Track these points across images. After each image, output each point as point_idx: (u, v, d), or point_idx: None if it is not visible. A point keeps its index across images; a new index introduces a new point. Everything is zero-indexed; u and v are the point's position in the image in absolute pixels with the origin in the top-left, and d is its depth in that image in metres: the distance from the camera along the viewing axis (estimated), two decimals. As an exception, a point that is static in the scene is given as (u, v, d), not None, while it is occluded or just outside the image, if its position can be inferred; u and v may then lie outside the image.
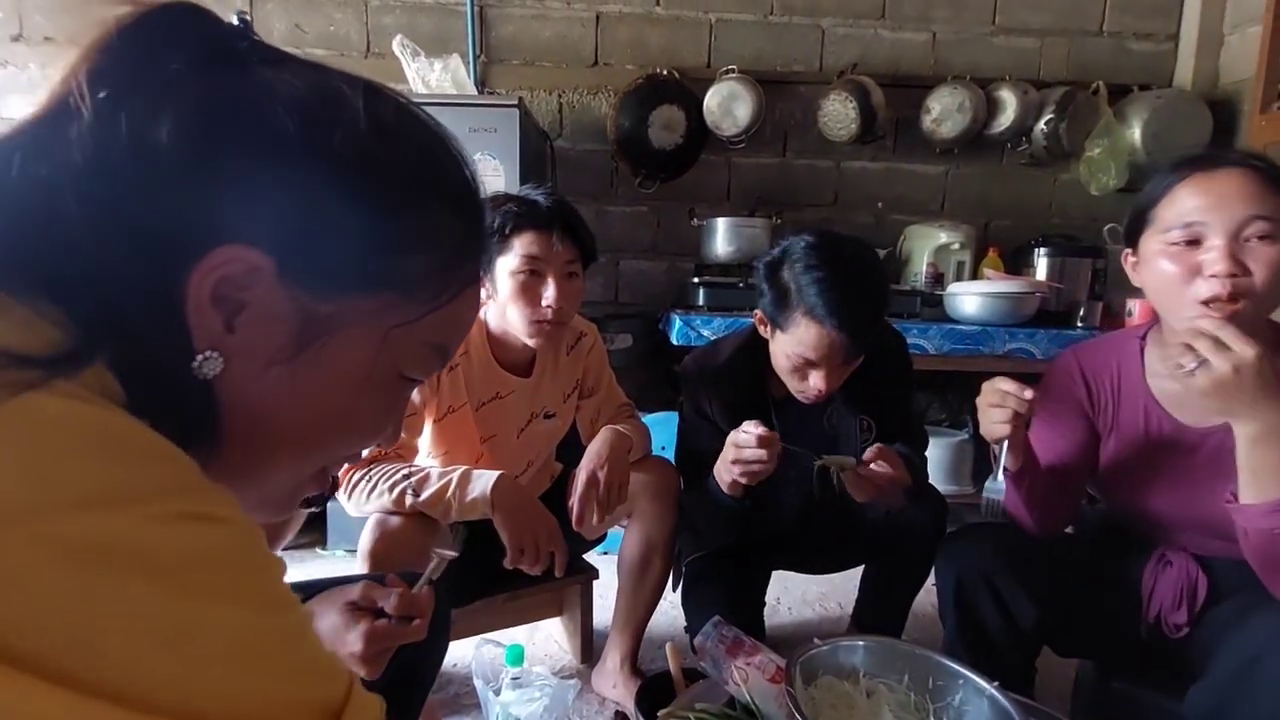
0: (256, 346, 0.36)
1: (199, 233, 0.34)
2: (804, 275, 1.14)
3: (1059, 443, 1.12)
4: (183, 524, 0.28)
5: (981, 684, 0.91)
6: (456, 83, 2.08)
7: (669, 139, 2.33)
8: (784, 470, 1.36)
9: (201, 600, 0.28)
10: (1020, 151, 2.46)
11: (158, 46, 0.35)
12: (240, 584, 0.30)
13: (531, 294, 1.17)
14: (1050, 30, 2.47)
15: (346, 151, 0.37)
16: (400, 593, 0.73)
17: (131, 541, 0.27)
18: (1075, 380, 1.12)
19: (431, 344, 0.43)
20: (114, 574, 0.26)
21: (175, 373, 0.35)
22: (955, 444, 2.29)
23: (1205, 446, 1.01)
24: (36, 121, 0.34)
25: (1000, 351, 2.04)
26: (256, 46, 0.39)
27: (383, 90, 0.41)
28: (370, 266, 0.38)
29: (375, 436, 0.45)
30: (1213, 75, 2.42)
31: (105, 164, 0.33)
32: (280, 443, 0.40)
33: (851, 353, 1.15)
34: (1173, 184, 0.94)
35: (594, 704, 1.40)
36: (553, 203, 1.18)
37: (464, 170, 0.44)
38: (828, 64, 2.44)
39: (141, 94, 0.34)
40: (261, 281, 0.35)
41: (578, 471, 1.23)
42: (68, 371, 0.30)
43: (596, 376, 1.42)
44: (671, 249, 2.52)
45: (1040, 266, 2.29)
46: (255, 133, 0.35)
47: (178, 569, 0.28)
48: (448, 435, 1.24)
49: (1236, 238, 0.89)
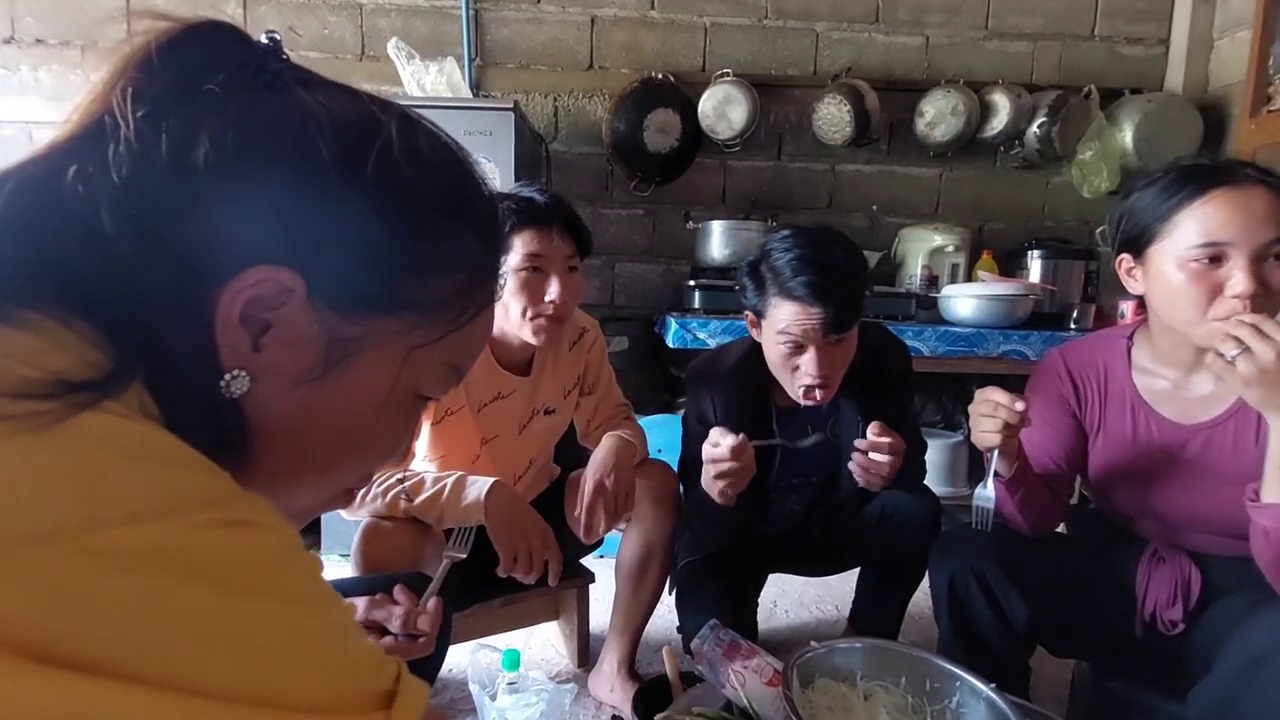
0: (283, 366, 0.37)
1: (232, 252, 0.34)
2: (779, 259, 1.17)
3: (1046, 441, 1.13)
4: (227, 530, 0.29)
5: (979, 686, 0.91)
6: (451, 86, 2.08)
7: (664, 142, 2.33)
8: (784, 478, 1.37)
9: (255, 599, 0.29)
10: (1013, 155, 2.48)
11: (196, 66, 0.36)
12: (288, 582, 0.31)
13: (534, 290, 1.17)
14: (1042, 34, 2.49)
15: (380, 175, 0.37)
16: (405, 611, 0.73)
17: (183, 548, 0.28)
18: (1062, 379, 1.13)
19: (449, 363, 0.44)
20: (171, 579, 0.27)
21: (204, 391, 0.35)
22: (950, 446, 2.30)
23: (1193, 443, 1.02)
24: (71, 139, 0.35)
25: (994, 353, 2.05)
26: (290, 67, 0.39)
27: (415, 116, 0.42)
28: (398, 289, 0.39)
29: (392, 455, 0.45)
30: (1203, 79, 2.44)
31: (143, 183, 0.33)
32: (304, 461, 0.40)
33: (834, 326, 1.14)
34: (1190, 197, 0.92)
35: (590, 708, 1.40)
36: (549, 199, 1.19)
37: (487, 196, 0.45)
38: (822, 67, 2.45)
39: (180, 113, 0.34)
40: (291, 302, 0.36)
41: (584, 480, 1.22)
42: (113, 392, 0.30)
43: (596, 373, 1.42)
44: (667, 252, 2.52)
45: (1034, 269, 2.30)
46: (291, 154, 0.36)
47: (229, 571, 0.29)
48: (445, 438, 1.24)
49: (1261, 258, 0.89)
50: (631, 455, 1.28)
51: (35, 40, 2.26)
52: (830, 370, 1.19)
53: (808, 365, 1.18)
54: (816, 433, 1.31)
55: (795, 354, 1.18)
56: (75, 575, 0.25)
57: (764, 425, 1.33)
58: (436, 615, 0.74)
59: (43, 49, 2.26)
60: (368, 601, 0.74)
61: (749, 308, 1.24)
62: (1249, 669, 0.89)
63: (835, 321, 1.14)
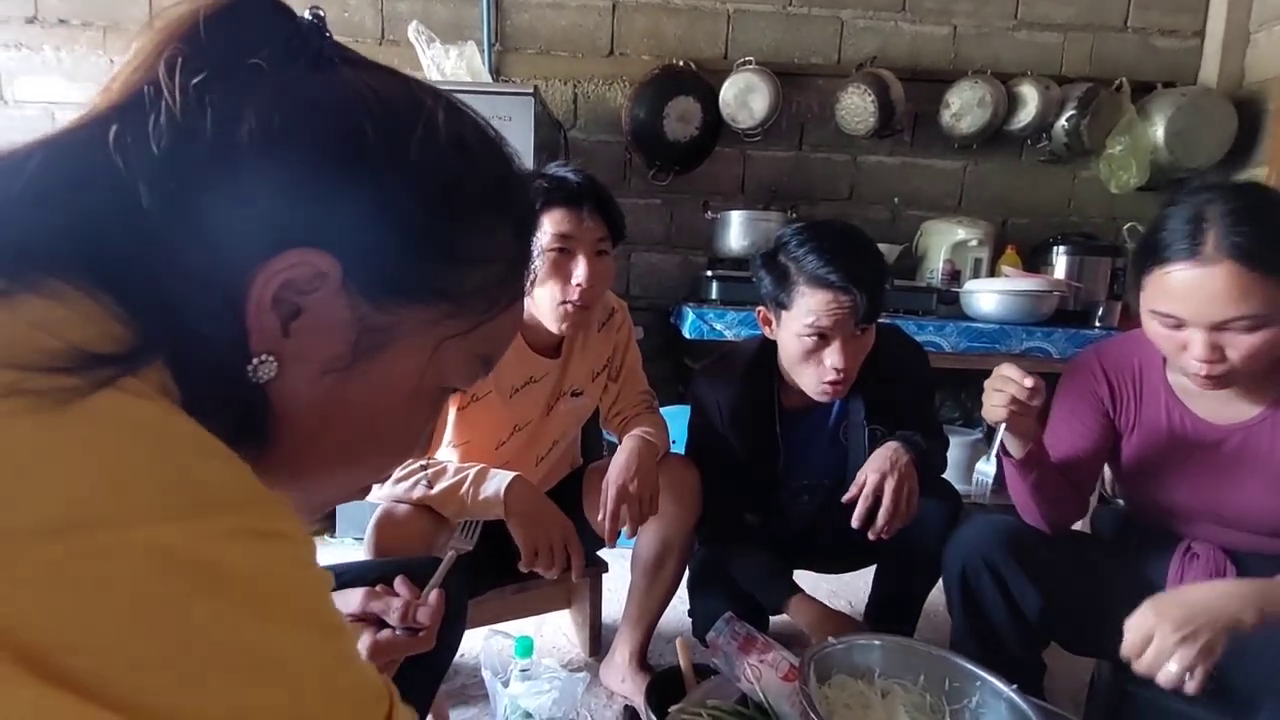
0: (312, 353, 0.36)
1: (269, 233, 0.33)
2: (799, 249, 1.16)
3: (1075, 436, 1.12)
4: (252, 541, 0.28)
5: (999, 686, 0.90)
6: (471, 71, 2.06)
7: (684, 131, 2.31)
8: (794, 479, 1.36)
9: (272, 623, 0.28)
10: (1040, 148, 2.43)
11: (242, 39, 0.34)
12: (302, 607, 0.30)
13: (562, 272, 1.15)
14: (1073, 25, 2.43)
15: (424, 162, 0.36)
16: (404, 603, 0.69)
17: (205, 558, 0.26)
18: (1097, 378, 1.12)
19: (479, 355, 0.43)
20: (188, 590, 0.26)
21: (231, 374, 0.34)
22: (970, 443, 2.27)
23: (1229, 442, 1.01)
24: (112, 108, 0.33)
25: (1017, 350, 2.02)
26: (333, 45, 0.38)
27: (460, 105, 0.41)
28: (434, 279, 0.38)
29: (414, 447, 0.44)
30: (1238, 73, 2.37)
31: (183, 157, 0.32)
32: (327, 450, 0.39)
33: (862, 314, 1.14)
34: (1157, 263, 0.91)
35: (603, 697, 1.39)
36: (583, 179, 1.16)
37: (527, 189, 0.44)
38: (846, 56, 2.41)
39: (225, 87, 0.33)
40: (325, 287, 0.34)
41: (606, 484, 1.19)
42: (135, 369, 0.29)
43: (623, 355, 1.39)
44: (685, 242, 2.50)
45: (1059, 265, 2.26)
46: (335, 135, 0.35)
47: (249, 589, 0.27)
48: (471, 424, 1.22)
49: (1218, 329, 0.88)
50: (654, 456, 1.25)
51: (58, 20, 2.27)
52: (854, 362, 1.18)
53: (833, 357, 1.16)
54: (823, 436, 1.32)
55: (819, 346, 1.17)
56: (84, 575, 0.24)
57: (769, 429, 1.32)
58: (438, 608, 0.70)
59: (65, 29, 2.26)
60: (365, 593, 0.70)
61: (769, 299, 1.22)
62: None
63: (867, 310, 1.13)
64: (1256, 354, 0.87)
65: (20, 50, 2.27)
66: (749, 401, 1.31)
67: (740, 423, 1.31)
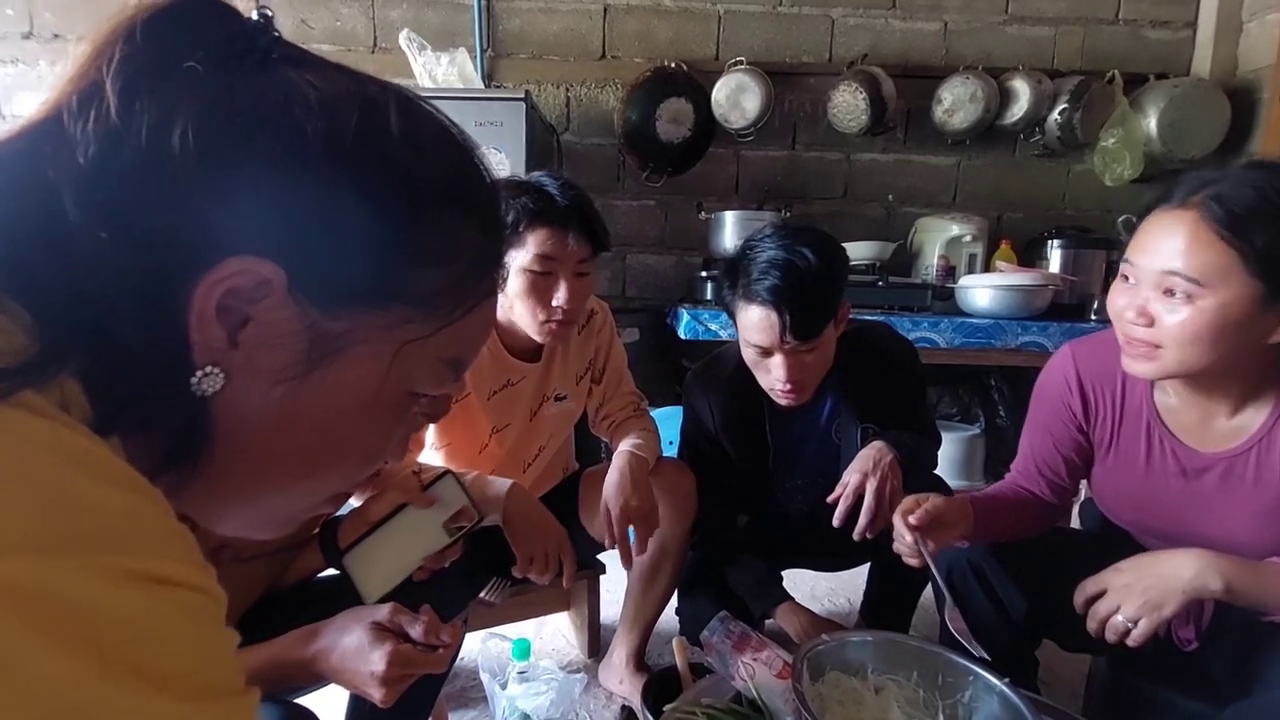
0: (262, 363, 0.34)
1: (208, 241, 0.32)
2: (745, 260, 1.15)
3: (1047, 453, 1.10)
4: (123, 583, 0.24)
5: (992, 680, 0.90)
6: (463, 77, 2.08)
7: (677, 132, 2.32)
8: (786, 479, 1.36)
9: (121, 684, 0.24)
10: (1033, 142, 2.43)
11: (178, 41, 0.33)
12: (175, 669, 0.25)
13: (542, 293, 1.14)
14: (1065, 19, 2.43)
15: (370, 160, 0.35)
16: (427, 621, 0.73)
17: (52, 597, 0.23)
18: (1071, 389, 1.07)
19: (446, 359, 0.41)
20: (30, 633, 0.22)
21: (168, 388, 0.33)
22: (966, 439, 2.27)
23: (1213, 472, 0.96)
24: (44, 118, 0.33)
25: (1012, 345, 2.02)
26: (278, 44, 0.36)
27: (414, 98, 0.39)
28: (388, 282, 0.36)
29: (382, 454, 0.42)
30: (1231, 64, 2.38)
31: (111, 165, 0.31)
32: (286, 461, 0.38)
33: (794, 335, 1.11)
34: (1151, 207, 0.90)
35: (601, 698, 1.40)
36: (569, 198, 1.14)
37: (488, 183, 0.42)
38: (837, 55, 2.41)
39: (157, 91, 0.32)
40: (271, 295, 0.33)
41: (605, 506, 1.19)
42: (33, 383, 0.28)
43: (605, 356, 1.38)
44: (679, 243, 2.51)
45: (1053, 259, 2.26)
46: (273, 137, 0.33)
47: (100, 639, 0.23)
48: (452, 426, 1.23)
49: (1158, 287, 0.86)
50: (646, 469, 1.25)
51: (53, 35, 2.29)
52: (801, 375, 1.17)
53: (777, 372, 1.16)
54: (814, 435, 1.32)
55: (763, 357, 1.17)
56: None
57: (758, 432, 1.32)
58: (457, 637, 0.76)
59: (60, 44, 2.29)
60: (393, 606, 0.75)
61: (723, 306, 1.22)
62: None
63: (795, 330, 1.11)
64: (1184, 330, 0.84)
65: (17, 65, 2.29)
66: (739, 403, 1.31)
67: (731, 425, 1.31)
